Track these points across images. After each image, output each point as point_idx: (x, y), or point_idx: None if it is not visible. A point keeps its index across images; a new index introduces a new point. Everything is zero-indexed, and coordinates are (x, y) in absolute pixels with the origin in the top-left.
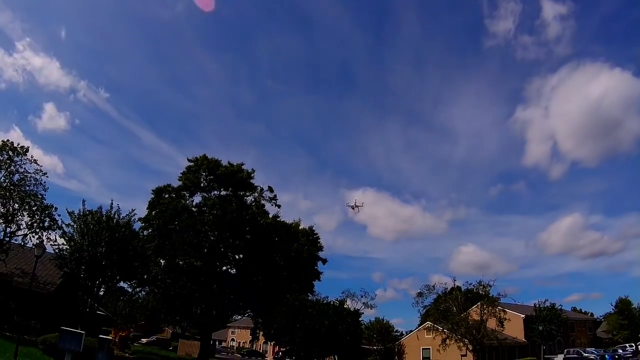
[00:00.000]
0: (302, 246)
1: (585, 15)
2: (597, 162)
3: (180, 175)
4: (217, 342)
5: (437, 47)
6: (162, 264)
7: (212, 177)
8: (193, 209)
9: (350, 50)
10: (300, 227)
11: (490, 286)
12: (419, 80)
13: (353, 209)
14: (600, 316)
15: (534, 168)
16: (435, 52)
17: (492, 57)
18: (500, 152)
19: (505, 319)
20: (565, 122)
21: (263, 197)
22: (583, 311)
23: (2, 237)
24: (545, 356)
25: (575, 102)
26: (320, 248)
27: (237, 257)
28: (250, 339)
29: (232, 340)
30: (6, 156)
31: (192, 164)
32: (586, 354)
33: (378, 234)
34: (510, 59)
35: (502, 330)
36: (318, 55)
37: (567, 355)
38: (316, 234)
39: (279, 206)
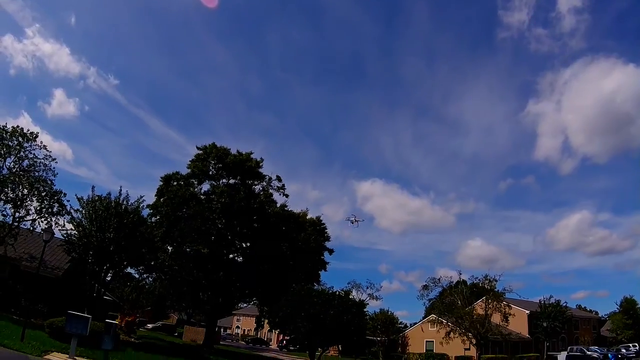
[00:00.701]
0: (309, 236)
1: (600, 10)
2: (607, 159)
3: (189, 163)
4: (222, 329)
5: (449, 39)
6: (170, 250)
7: (220, 165)
8: (201, 196)
9: (361, 41)
10: (308, 217)
11: (496, 281)
12: (429, 72)
13: (352, 223)
14: (605, 315)
15: (545, 163)
16: (447, 44)
17: (505, 50)
18: (510, 146)
19: (510, 314)
20: (577, 116)
21: (271, 186)
22: (588, 309)
23: (11, 222)
24: (549, 353)
25: (588, 97)
26: (327, 238)
27: (244, 245)
28: (255, 326)
29: (237, 327)
30: (16, 142)
31: (201, 152)
32: (589, 352)
33: (386, 225)
34: (524, 51)
35: (507, 325)
36: (328, 46)
37: (570, 353)
38: (323, 224)
39: (287, 195)
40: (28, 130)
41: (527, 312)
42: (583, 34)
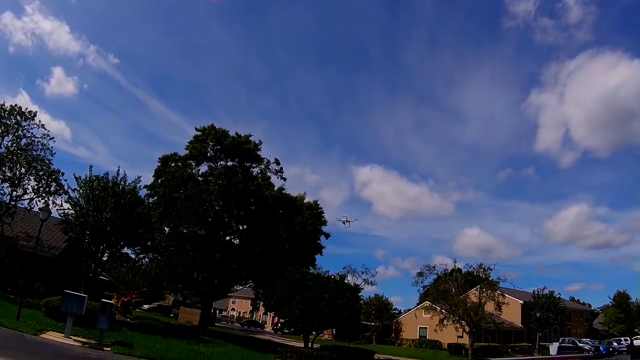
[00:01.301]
0: (306, 220)
1: (608, 3)
2: (608, 153)
3: (188, 144)
4: (217, 311)
5: (453, 27)
6: (167, 231)
7: (219, 147)
8: (199, 178)
9: (364, 26)
10: (305, 201)
11: (491, 270)
12: (432, 59)
13: (344, 223)
14: (598, 308)
15: (545, 154)
16: (451, 32)
17: (509, 39)
18: (511, 137)
19: (504, 303)
20: (580, 109)
21: (269, 169)
22: (581, 302)
23: (8, 201)
24: (541, 343)
25: (592, 90)
26: (324, 222)
27: (240, 227)
28: (251, 309)
29: (233, 309)
30: (14, 120)
31: (199, 133)
32: (581, 344)
33: (384, 212)
34: (529, 41)
35: (500, 314)
36: (331, 30)
37: (562, 344)
38: (320, 208)
39: (284, 179)
40: (26, 108)
41: (521, 302)
42: (590, 26)
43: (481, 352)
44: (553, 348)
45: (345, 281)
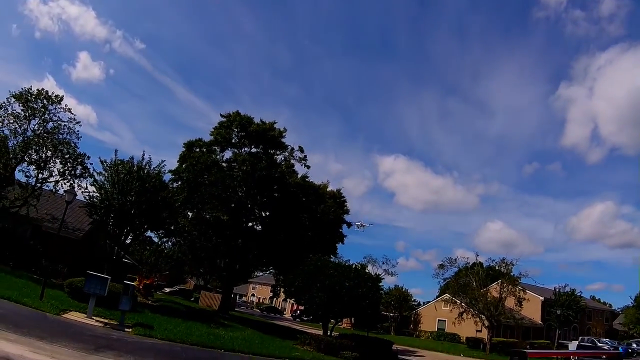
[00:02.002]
0: (329, 208)
1: None
2: (636, 151)
3: (212, 130)
4: (237, 296)
5: (482, 18)
6: (190, 216)
7: (243, 133)
8: (223, 164)
9: (392, 15)
10: (328, 189)
11: (513, 265)
12: (459, 50)
13: (358, 227)
14: (618, 308)
15: (572, 150)
16: (479, 23)
17: (539, 31)
18: (538, 130)
19: (524, 299)
20: (609, 105)
21: (293, 156)
22: (602, 301)
23: (34, 183)
24: (560, 341)
25: (622, 85)
26: (347, 211)
27: (263, 214)
28: (271, 295)
29: (253, 295)
30: (40, 104)
31: (224, 119)
32: (600, 344)
33: (406, 203)
34: (559, 33)
35: (520, 310)
36: (358, 19)
37: (581, 343)
38: (343, 197)
39: (308, 167)
40: (53, 92)
41: (542, 298)
42: (622, 20)
43: (500, 347)
44: (572, 346)
45: (366, 271)
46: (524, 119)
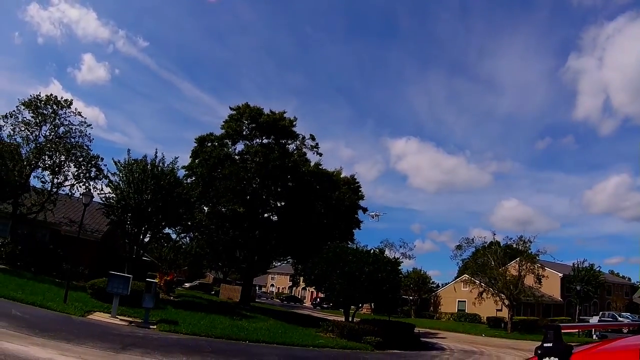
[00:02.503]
0: (344, 194)
1: None
2: None
3: (223, 123)
4: (257, 288)
5: None
6: (206, 210)
7: (254, 125)
8: (236, 156)
9: None
10: (342, 176)
11: (531, 242)
12: (463, 28)
13: (372, 217)
14: (638, 282)
15: (584, 122)
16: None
17: (543, 3)
18: (548, 105)
19: (543, 277)
20: (620, 74)
21: (305, 145)
22: (621, 275)
23: (50, 188)
24: (580, 317)
25: (632, 54)
26: (362, 197)
27: (278, 204)
28: (290, 284)
29: (272, 285)
30: (50, 110)
31: (234, 112)
32: (621, 319)
33: (419, 184)
34: (565, 4)
35: (540, 287)
36: (359, 2)
37: (602, 318)
38: (357, 182)
39: (320, 154)
40: (62, 97)
41: (560, 275)
42: None
43: (520, 325)
44: (593, 322)
45: (384, 255)
46: (534, 93)
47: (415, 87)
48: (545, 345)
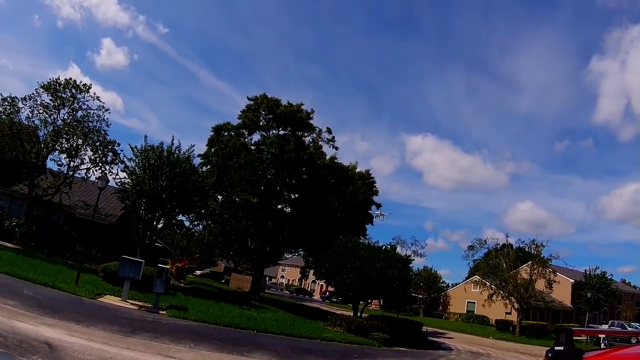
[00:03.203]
0: (358, 189)
1: None
2: None
3: (240, 113)
4: (267, 278)
5: None
6: (220, 199)
7: (271, 116)
8: (252, 147)
9: None
10: (357, 170)
11: (543, 246)
12: (485, 26)
13: (376, 217)
14: None
15: (604, 126)
16: None
17: (567, 4)
18: (569, 106)
19: (555, 282)
20: None
21: (321, 138)
22: (632, 285)
23: (66, 171)
24: (589, 324)
25: None
26: (376, 192)
27: (292, 196)
28: (300, 277)
29: (282, 277)
30: (69, 94)
31: (252, 102)
32: (630, 328)
33: (434, 182)
34: (589, 5)
35: (550, 292)
36: None
37: (611, 327)
38: (372, 177)
39: (336, 148)
40: (80, 81)
41: (572, 281)
42: None
43: (529, 329)
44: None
45: (396, 252)
46: (554, 94)
47: (433, 84)
48: (557, 348)
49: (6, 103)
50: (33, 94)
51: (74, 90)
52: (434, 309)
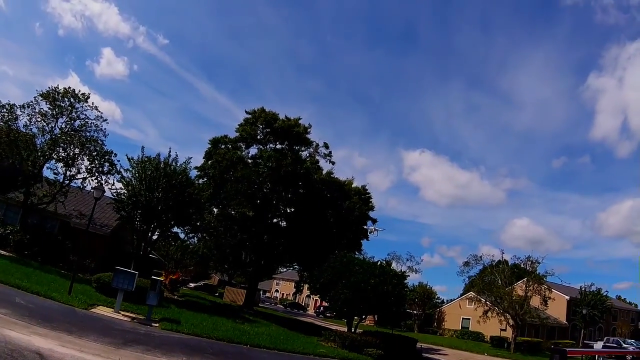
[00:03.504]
0: (354, 204)
1: None
2: None
3: (238, 126)
4: (261, 292)
5: (507, 8)
6: (216, 212)
7: (268, 130)
8: (248, 160)
9: (415, 7)
10: (353, 185)
11: (539, 263)
12: (484, 42)
13: (371, 232)
14: None
15: (601, 143)
16: (504, 14)
17: (565, 21)
18: (566, 123)
19: (550, 298)
20: (639, 96)
21: (318, 152)
22: (628, 301)
23: (62, 180)
24: (585, 341)
25: None
26: (372, 207)
27: (288, 210)
28: (294, 291)
29: (276, 291)
30: (67, 103)
31: (249, 116)
32: (626, 345)
33: (432, 198)
34: (587, 22)
35: (546, 309)
36: (381, 12)
37: (606, 343)
38: (368, 193)
39: (333, 163)
40: (79, 91)
41: (567, 297)
42: None
43: (524, 346)
44: (597, 347)
45: (391, 267)
46: (552, 111)
47: (432, 99)
48: None
49: (4, 110)
50: (32, 101)
51: (72, 100)
52: (428, 325)
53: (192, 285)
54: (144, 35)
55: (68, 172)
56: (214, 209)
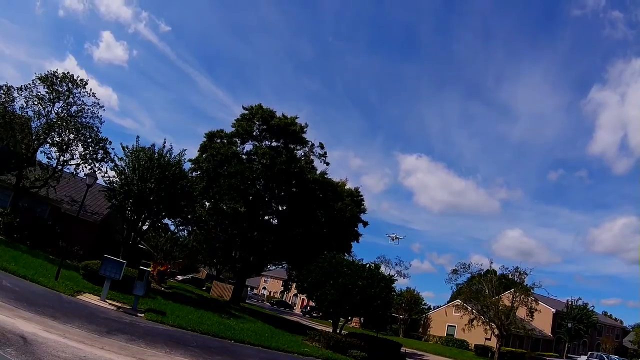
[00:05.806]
0: (346, 206)
1: None
2: None
3: (234, 122)
4: (249, 289)
5: (509, 19)
6: (207, 206)
7: (265, 127)
8: (243, 156)
9: (417, 13)
10: (346, 187)
11: (527, 274)
12: (484, 52)
13: (392, 240)
14: (630, 325)
15: (599, 158)
16: (506, 24)
17: (567, 34)
18: (563, 136)
19: (536, 310)
20: None
21: (313, 152)
22: (614, 317)
23: (55, 165)
24: (569, 355)
25: None
26: (364, 210)
27: (280, 208)
28: (282, 289)
29: (264, 288)
30: (65, 88)
31: (246, 112)
32: None
33: (425, 203)
34: (592, 36)
35: (531, 320)
36: (384, 16)
37: (590, 358)
38: (361, 195)
39: (327, 163)
40: (78, 76)
41: (553, 310)
42: None
43: (508, 356)
44: None
45: (380, 271)
46: (548, 124)
47: (430, 106)
48: None
49: (1, 91)
50: (29, 84)
51: (70, 85)
52: (414, 330)
53: (179, 277)
54: (146, 21)
55: (62, 157)
56: (206, 203)
